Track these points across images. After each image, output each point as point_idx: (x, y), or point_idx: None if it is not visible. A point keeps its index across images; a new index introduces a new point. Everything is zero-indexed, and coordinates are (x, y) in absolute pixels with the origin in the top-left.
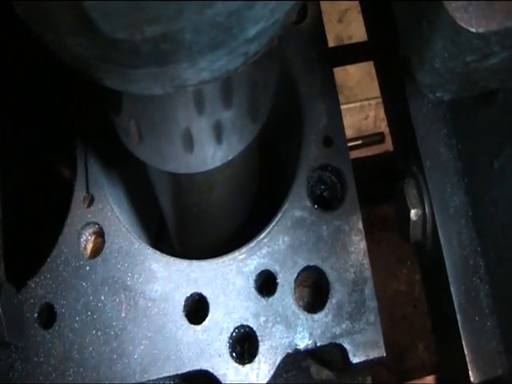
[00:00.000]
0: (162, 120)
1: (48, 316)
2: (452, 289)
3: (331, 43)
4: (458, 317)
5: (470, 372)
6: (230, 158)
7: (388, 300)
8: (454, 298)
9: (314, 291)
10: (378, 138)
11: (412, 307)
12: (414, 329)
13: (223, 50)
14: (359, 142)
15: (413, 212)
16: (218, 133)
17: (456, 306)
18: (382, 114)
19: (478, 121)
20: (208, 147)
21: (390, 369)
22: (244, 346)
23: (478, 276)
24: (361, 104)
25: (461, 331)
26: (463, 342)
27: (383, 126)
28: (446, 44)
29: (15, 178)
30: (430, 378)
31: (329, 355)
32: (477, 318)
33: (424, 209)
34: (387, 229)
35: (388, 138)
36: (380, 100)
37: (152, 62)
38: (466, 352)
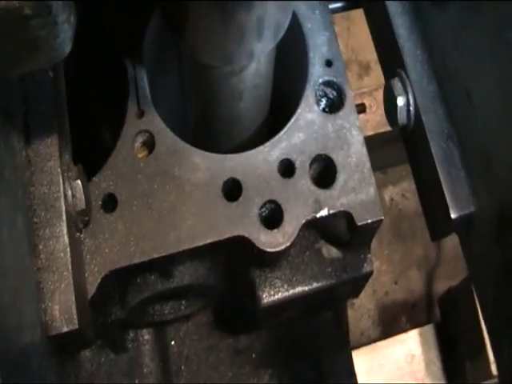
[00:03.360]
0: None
1: (110, 203)
2: (433, 151)
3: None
4: (438, 169)
5: (450, 209)
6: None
7: (372, 278)
8: (435, 157)
9: (324, 177)
10: (360, 108)
11: (393, 284)
12: (396, 304)
13: None
14: None
15: (399, 99)
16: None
17: (437, 163)
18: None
19: (446, 18)
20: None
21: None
22: (272, 216)
23: (451, 140)
24: None
25: (441, 179)
26: (443, 188)
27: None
28: None
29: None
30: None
31: (337, 227)
32: (452, 171)
33: (408, 96)
34: None
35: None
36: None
37: None
38: (446, 195)
